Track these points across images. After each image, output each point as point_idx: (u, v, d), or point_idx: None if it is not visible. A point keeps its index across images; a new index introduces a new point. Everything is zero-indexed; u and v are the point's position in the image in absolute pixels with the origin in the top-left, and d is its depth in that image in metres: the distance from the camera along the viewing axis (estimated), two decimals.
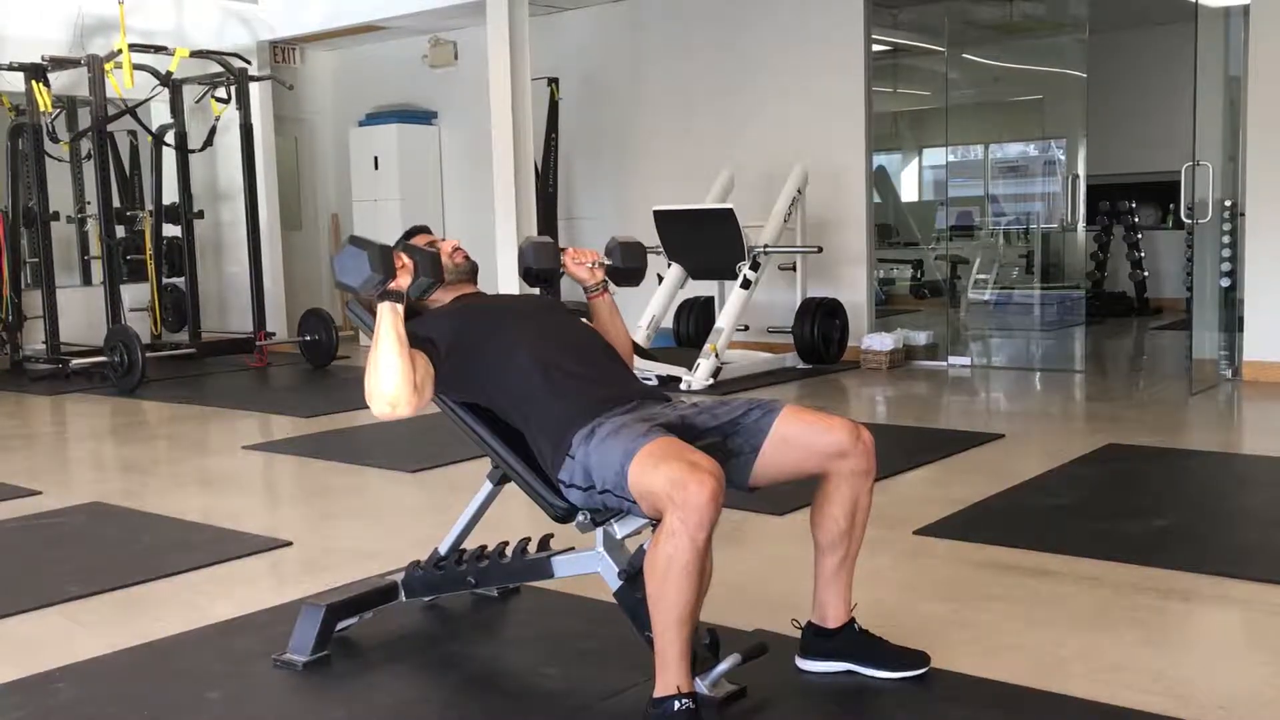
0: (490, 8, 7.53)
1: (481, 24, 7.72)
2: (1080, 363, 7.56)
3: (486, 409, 2.60)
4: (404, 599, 2.89)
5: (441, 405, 2.64)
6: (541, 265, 2.82)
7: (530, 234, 7.50)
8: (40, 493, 4.64)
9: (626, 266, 2.87)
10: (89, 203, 8.87)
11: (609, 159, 9.26)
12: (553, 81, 9.16)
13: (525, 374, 2.50)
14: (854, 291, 7.92)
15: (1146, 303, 10.72)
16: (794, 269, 7.82)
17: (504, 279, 7.48)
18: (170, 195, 9.04)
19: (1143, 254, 10.75)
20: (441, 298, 2.70)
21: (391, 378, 2.34)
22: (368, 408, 2.37)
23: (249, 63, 8.86)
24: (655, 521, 2.22)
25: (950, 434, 5.35)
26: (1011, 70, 10.41)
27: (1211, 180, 6.35)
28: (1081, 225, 9.54)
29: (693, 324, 8.04)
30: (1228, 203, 6.66)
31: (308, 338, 8.54)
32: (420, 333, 2.51)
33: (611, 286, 2.87)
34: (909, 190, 13.24)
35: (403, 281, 2.39)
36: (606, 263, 2.84)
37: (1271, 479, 4.46)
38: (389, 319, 2.34)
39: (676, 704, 2.15)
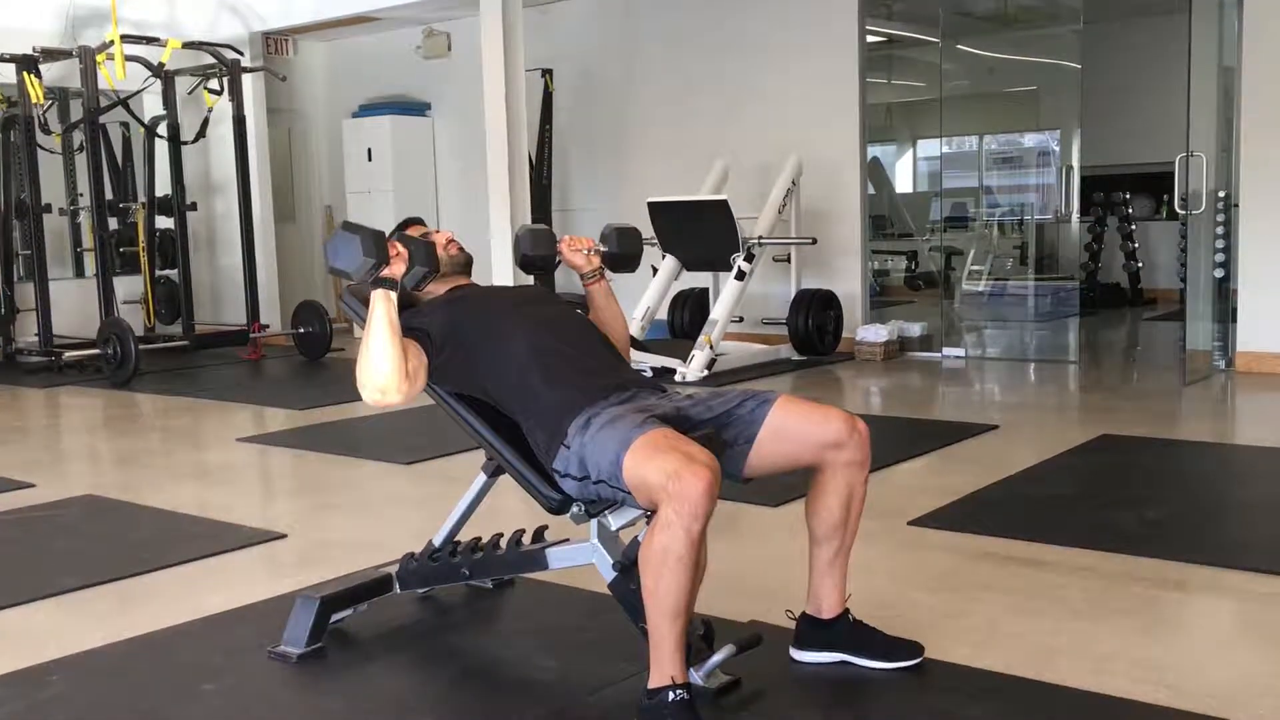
0: None
1: (475, 15, 7.69)
2: (1074, 354, 7.56)
3: (481, 400, 2.59)
4: (398, 591, 2.89)
5: (435, 397, 2.64)
6: (538, 252, 2.82)
7: (526, 223, 7.50)
8: (34, 485, 4.63)
9: (622, 252, 2.87)
10: (81, 195, 8.86)
11: (603, 150, 9.25)
12: (547, 73, 9.15)
13: (520, 364, 2.49)
14: (848, 283, 7.92)
15: (1140, 294, 10.73)
16: (788, 260, 7.83)
17: (498, 271, 7.47)
18: (163, 187, 9.01)
19: (1137, 245, 10.76)
20: (435, 289, 2.70)
21: (383, 366, 2.34)
22: (361, 400, 2.37)
23: (242, 54, 8.84)
24: (650, 513, 2.22)
25: (944, 425, 5.35)
26: (1006, 61, 10.41)
27: (1205, 171, 6.35)
28: (1076, 216, 9.55)
29: (687, 316, 8.03)
30: (1221, 194, 6.67)
31: (302, 330, 8.52)
32: (414, 324, 2.51)
33: (608, 274, 2.87)
34: (903, 181, 13.26)
35: (396, 269, 2.39)
36: (602, 249, 2.84)
37: (1264, 469, 4.47)
38: (382, 306, 2.35)
39: (671, 695, 2.15)
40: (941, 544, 3.47)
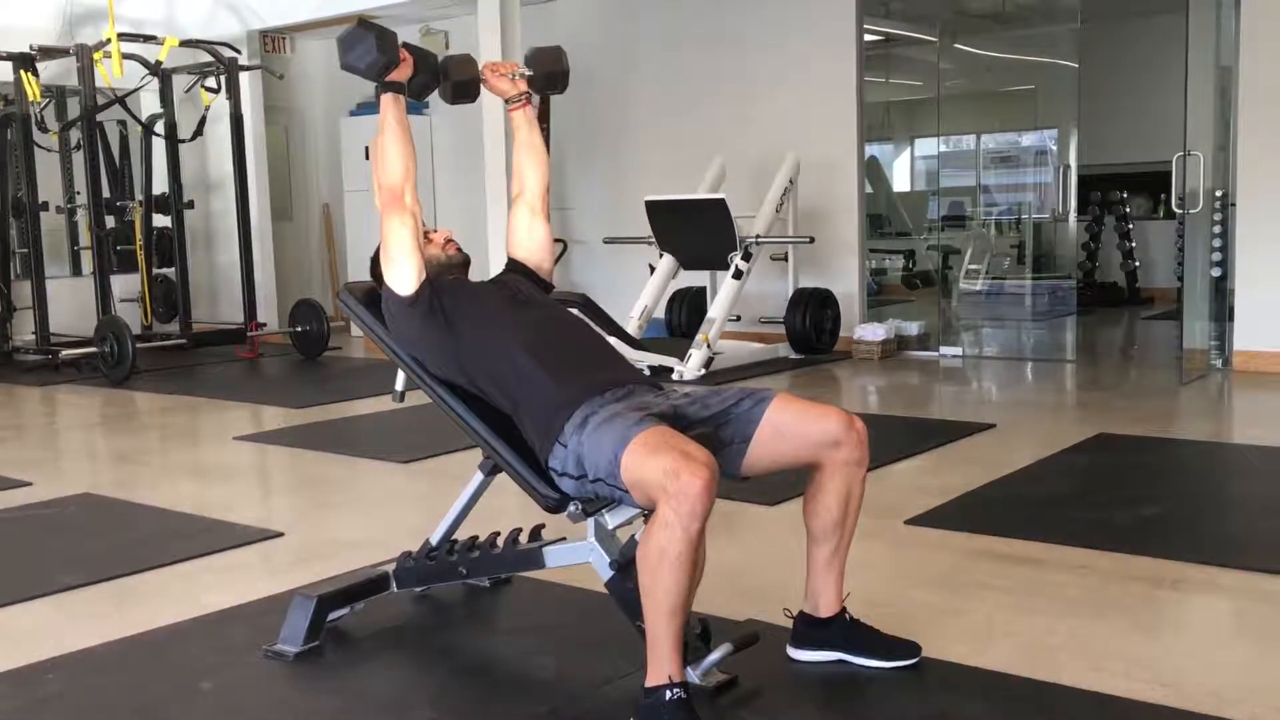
0: None
1: (472, 13, 7.69)
2: (1071, 352, 7.56)
3: (477, 397, 2.59)
4: (395, 590, 2.88)
5: (431, 394, 2.64)
6: (460, 77, 2.75)
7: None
8: (31, 483, 4.63)
9: (547, 71, 2.83)
10: (78, 193, 8.85)
11: (600, 149, 9.25)
12: None
13: (515, 358, 2.49)
14: (846, 282, 7.92)
15: (1137, 292, 10.74)
16: (786, 259, 7.82)
17: (496, 270, 7.46)
18: (160, 185, 9.01)
19: (1134, 244, 10.77)
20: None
21: (395, 165, 2.51)
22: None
23: (239, 52, 8.83)
24: (647, 511, 2.22)
25: (942, 424, 5.35)
26: (1003, 60, 10.40)
27: (1203, 170, 6.35)
28: (1073, 215, 9.53)
29: (685, 314, 8.03)
30: (1219, 192, 6.67)
31: (299, 328, 8.51)
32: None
33: (535, 99, 2.85)
34: (901, 180, 13.25)
35: (404, 73, 2.51)
36: (526, 73, 2.82)
37: (1262, 468, 4.47)
38: (392, 108, 2.51)
39: (668, 693, 2.15)
40: (939, 543, 3.47)
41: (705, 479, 2.08)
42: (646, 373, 5.95)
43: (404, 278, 2.56)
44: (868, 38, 8.37)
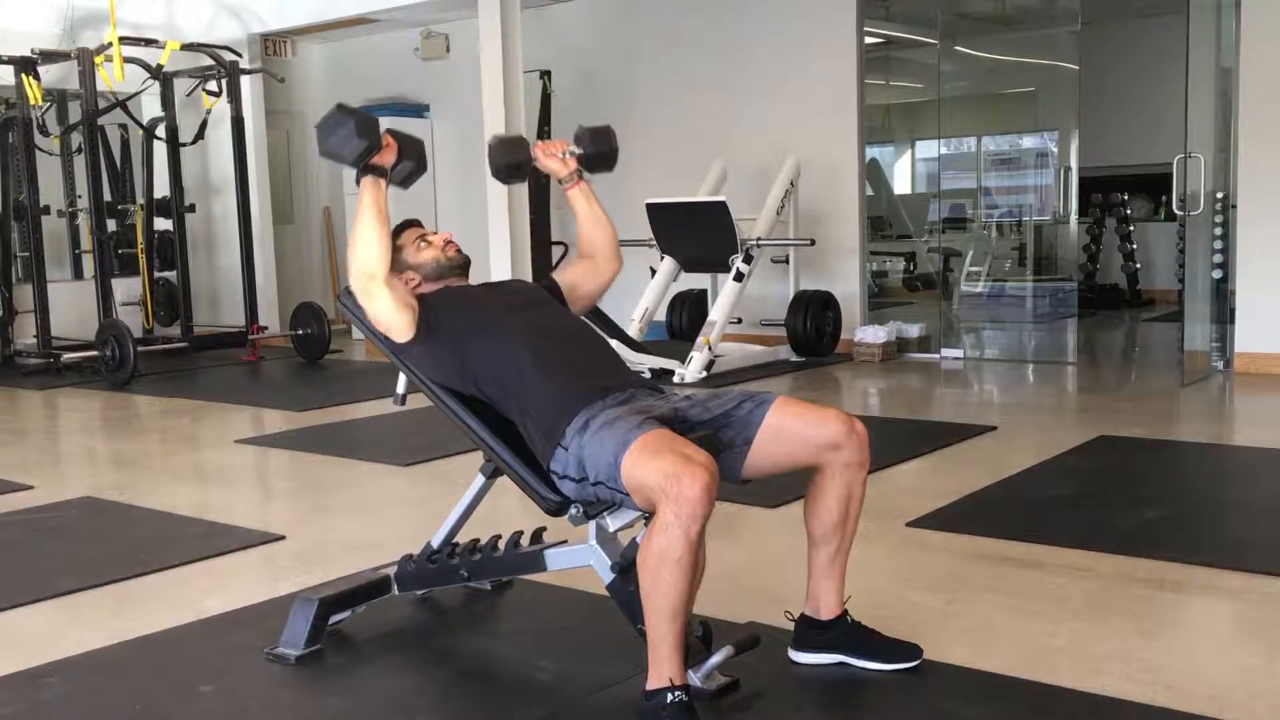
0: (482, 0, 7.51)
1: (473, 16, 7.69)
2: (1072, 355, 7.56)
3: (479, 400, 2.59)
4: (397, 592, 2.88)
5: (432, 397, 2.64)
6: (512, 160, 2.78)
7: (525, 225, 7.50)
8: (32, 487, 4.63)
9: (597, 151, 2.83)
10: (80, 196, 8.86)
11: None
12: (545, 74, 9.14)
13: (518, 365, 2.49)
14: (847, 284, 7.92)
15: (1138, 295, 10.73)
16: (786, 261, 7.82)
17: (497, 272, 7.47)
18: (161, 189, 9.01)
19: (1135, 246, 10.76)
20: (432, 289, 2.70)
21: (370, 250, 2.45)
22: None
23: (240, 56, 8.84)
24: (648, 514, 2.22)
25: (943, 426, 5.35)
26: (1004, 62, 10.41)
27: (1203, 172, 6.35)
28: (1074, 217, 9.54)
29: (685, 317, 8.03)
30: (1219, 195, 6.67)
31: (300, 331, 8.52)
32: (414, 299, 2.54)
33: (586, 176, 2.85)
34: (902, 183, 13.25)
35: (387, 158, 2.44)
36: (577, 151, 2.82)
37: (1263, 470, 4.47)
38: (371, 193, 2.45)
39: (669, 696, 2.15)
40: (940, 545, 3.47)
41: (705, 482, 2.08)
42: (647, 375, 5.96)
43: (394, 332, 2.55)
44: (868, 40, 8.37)
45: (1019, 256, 10.36)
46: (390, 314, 2.50)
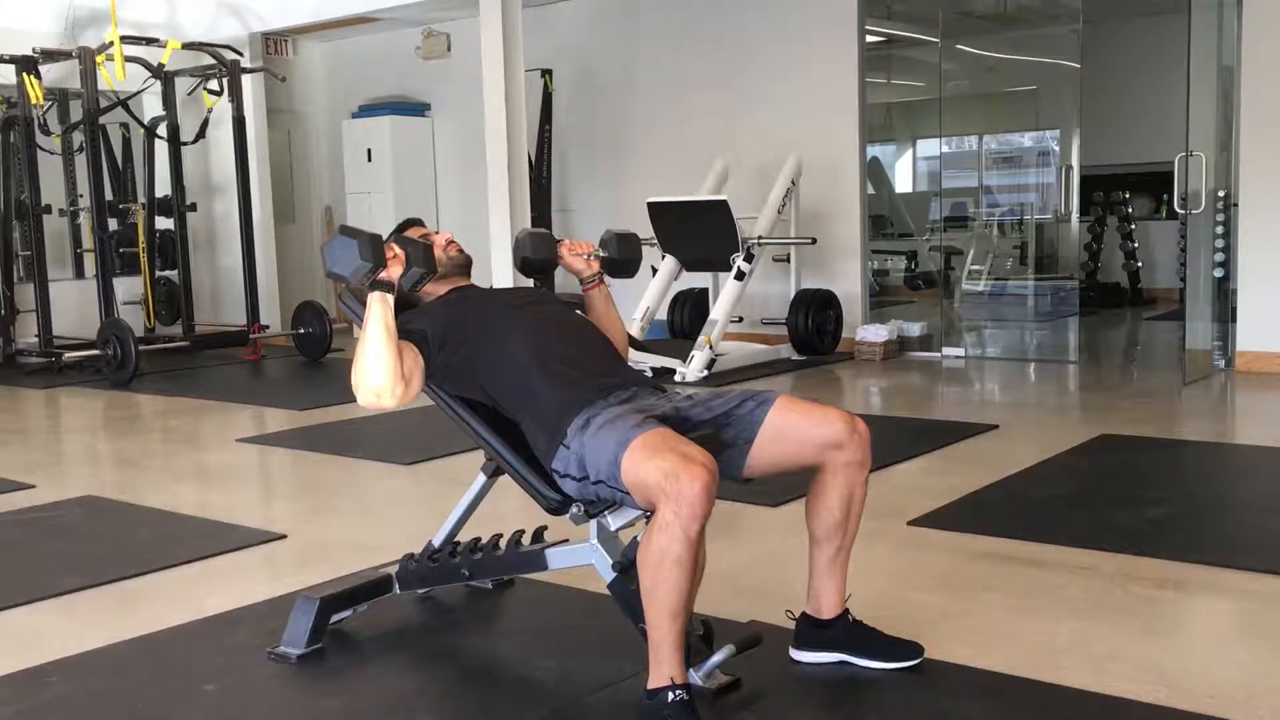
0: None
1: (474, 15, 7.69)
2: (1074, 353, 7.56)
3: (480, 400, 2.59)
4: (398, 591, 2.89)
5: (435, 398, 2.64)
6: (539, 256, 2.83)
7: (526, 226, 7.49)
8: (34, 486, 4.63)
9: (622, 258, 2.88)
10: (81, 196, 8.86)
11: (603, 150, 9.25)
12: (546, 73, 9.15)
13: (520, 365, 2.50)
14: (848, 283, 7.92)
15: (1140, 293, 10.73)
16: (788, 260, 7.82)
17: (498, 272, 7.47)
18: (163, 188, 9.01)
19: (1136, 245, 10.76)
20: (435, 290, 2.70)
21: (378, 369, 2.35)
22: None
23: (241, 55, 8.84)
24: (649, 513, 2.22)
25: (944, 425, 5.35)
26: (1005, 61, 10.40)
27: (1205, 171, 6.34)
28: (1075, 216, 9.54)
29: (687, 316, 8.03)
30: (1221, 193, 6.66)
31: (301, 330, 8.52)
32: (412, 326, 2.51)
33: (607, 279, 2.87)
34: (903, 181, 13.24)
35: (394, 272, 2.40)
36: (602, 254, 2.85)
37: (1265, 469, 4.47)
38: (378, 309, 2.36)
39: (670, 695, 2.15)
40: (941, 544, 3.47)
41: (704, 481, 2.08)
42: (649, 374, 5.97)
43: (417, 389, 2.46)
44: (869, 39, 8.37)
45: (1020, 255, 10.36)
46: (406, 394, 2.41)
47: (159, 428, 6.22)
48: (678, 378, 6.70)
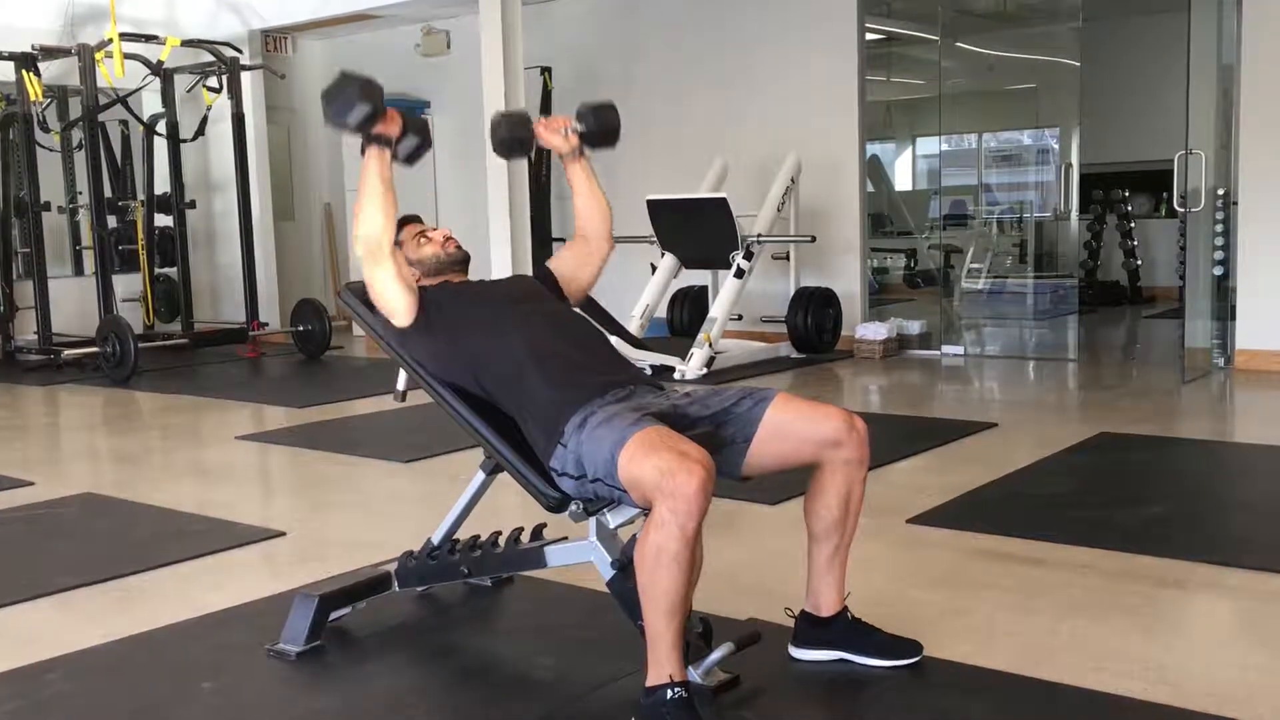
0: None
1: (474, 13, 7.69)
2: (1073, 351, 7.56)
3: (479, 397, 2.59)
4: (397, 589, 2.88)
5: (433, 394, 2.64)
6: (515, 135, 2.79)
7: (525, 225, 7.49)
8: (33, 483, 4.63)
9: (600, 129, 2.84)
10: (80, 193, 8.85)
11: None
12: (546, 70, 9.14)
13: (518, 362, 2.49)
14: (848, 281, 7.92)
15: (1139, 291, 10.73)
16: (787, 258, 7.82)
17: (498, 270, 7.46)
18: (162, 185, 9.01)
19: (1136, 243, 10.76)
20: (431, 284, 2.70)
21: (375, 218, 2.47)
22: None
23: (240, 52, 8.84)
24: (647, 511, 2.22)
25: (943, 423, 5.35)
26: (1005, 59, 10.40)
27: (1204, 169, 6.34)
28: (1075, 214, 9.54)
29: (686, 314, 8.03)
30: (1221, 191, 6.66)
31: (301, 328, 8.52)
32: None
33: (588, 151, 2.86)
34: (903, 179, 13.25)
35: (391, 129, 2.46)
36: (579, 128, 2.83)
37: (1264, 468, 4.47)
38: (375, 164, 2.47)
39: (669, 693, 2.15)
40: (940, 542, 3.47)
41: (701, 478, 2.08)
42: (648, 372, 5.96)
43: (396, 315, 2.57)
44: (869, 36, 8.37)
45: (1020, 253, 10.37)
46: (393, 288, 2.52)
47: (158, 425, 6.22)
48: (677, 375, 6.69)
